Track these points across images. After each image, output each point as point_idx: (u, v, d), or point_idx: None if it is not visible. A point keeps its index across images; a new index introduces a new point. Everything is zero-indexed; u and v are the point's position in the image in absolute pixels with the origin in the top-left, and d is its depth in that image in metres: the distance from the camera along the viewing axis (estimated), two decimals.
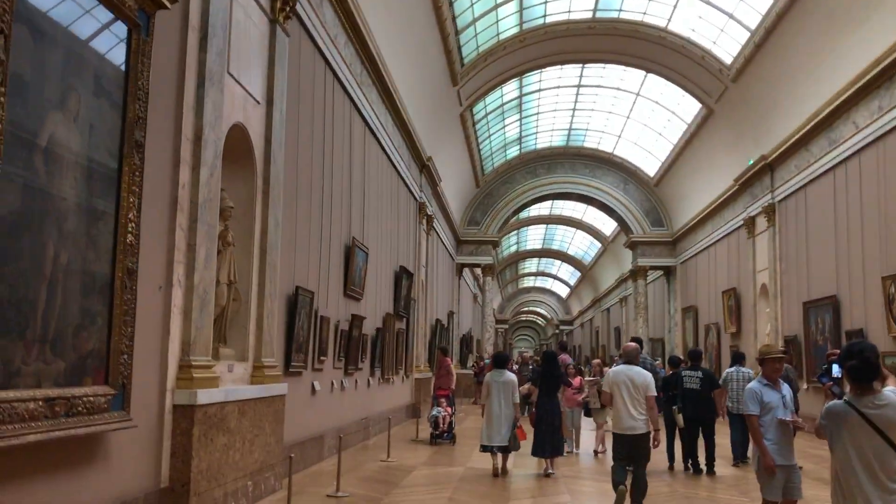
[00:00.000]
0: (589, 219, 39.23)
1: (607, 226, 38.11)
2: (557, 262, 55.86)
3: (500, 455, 10.10)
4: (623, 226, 31.56)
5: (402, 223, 17.29)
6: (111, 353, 4.89)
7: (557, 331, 73.04)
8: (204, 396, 6.16)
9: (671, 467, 10.75)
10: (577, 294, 61.56)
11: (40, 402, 4.09)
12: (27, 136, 4.08)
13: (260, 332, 7.78)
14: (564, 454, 11.22)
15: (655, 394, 7.72)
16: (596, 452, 12.24)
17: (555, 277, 62.72)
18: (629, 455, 7.52)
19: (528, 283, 67.77)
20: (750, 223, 20.89)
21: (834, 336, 15.12)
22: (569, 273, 58.00)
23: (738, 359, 12.14)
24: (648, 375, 7.80)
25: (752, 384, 5.82)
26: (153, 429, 5.78)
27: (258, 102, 7.84)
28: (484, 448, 10.19)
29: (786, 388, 5.79)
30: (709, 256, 25.75)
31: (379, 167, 14.61)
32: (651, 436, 7.58)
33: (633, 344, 8.51)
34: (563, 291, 66.84)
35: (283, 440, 8.46)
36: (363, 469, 10.11)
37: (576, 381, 12.58)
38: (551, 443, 10.12)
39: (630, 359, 7.92)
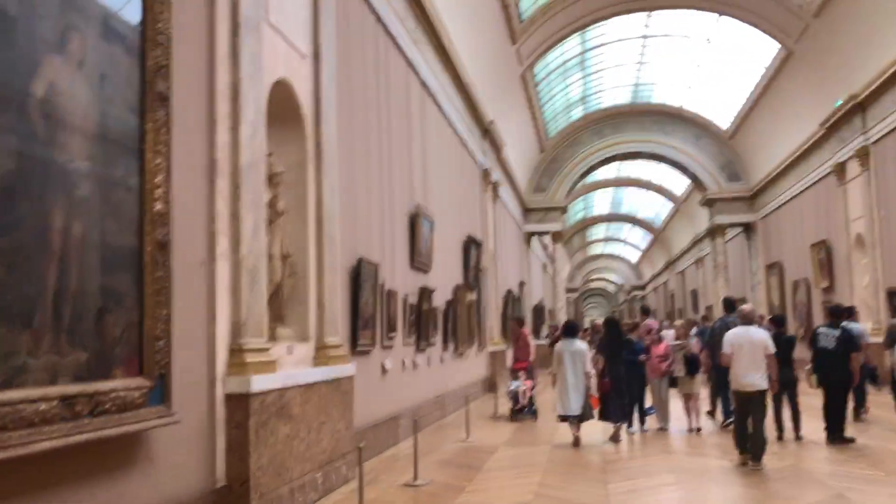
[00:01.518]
0: (659, 179, 37.70)
1: (679, 185, 36.53)
2: (627, 226, 54.24)
3: (573, 424, 9.97)
4: (697, 183, 30.04)
5: (467, 191, 16.45)
6: (144, 339, 4.21)
7: (629, 297, 71.40)
8: (260, 383, 5.49)
9: (780, 437, 9.70)
10: (649, 258, 59.83)
11: (55, 402, 3.42)
12: (18, 84, 3.38)
13: (321, 310, 7.09)
14: (650, 430, 10.57)
15: (774, 351, 8.21)
16: (692, 430, 10.65)
17: (624, 242, 61.04)
18: (749, 410, 8.14)
19: (597, 249, 66.15)
20: (839, 170, 19.33)
21: None
22: (639, 237, 56.33)
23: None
24: (766, 334, 8.44)
25: None
26: (203, 423, 5.12)
27: (304, 56, 7.08)
28: (562, 418, 10.13)
29: None
30: (793, 209, 24.16)
31: (440, 131, 13.78)
32: (767, 391, 8.20)
33: (749, 305, 9.02)
34: (633, 256, 65.09)
35: (354, 425, 7.80)
36: (441, 451, 9.41)
37: (661, 346, 11.30)
38: (621, 408, 10.21)
39: (747, 320, 8.49)
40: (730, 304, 12.04)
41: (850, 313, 11.08)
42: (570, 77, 24.98)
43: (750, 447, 8.09)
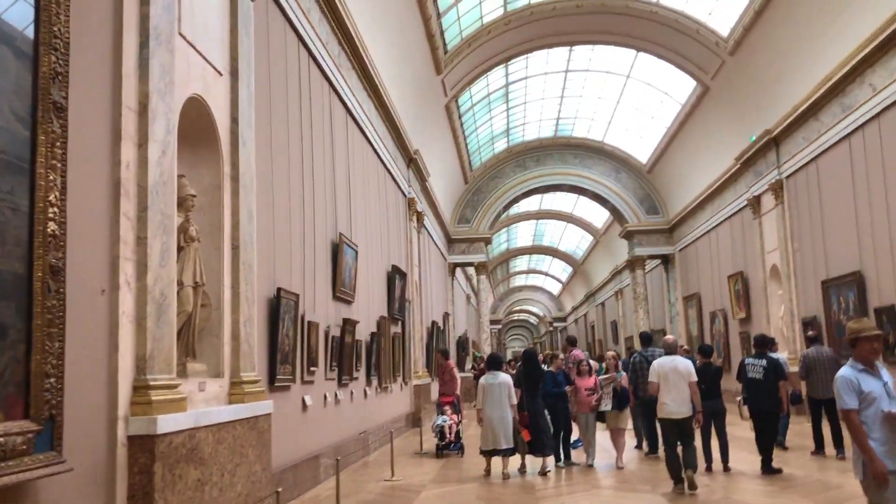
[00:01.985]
0: (579, 212, 38.27)
1: (599, 217, 37.14)
2: (548, 259, 54.87)
3: (502, 458, 9.97)
4: (617, 216, 30.55)
5: (392, 220, 16.15)
6: (32, 376, 3.73)
7: (551, 328, 72.05)
8: (167, 423, 5.01)
9: (708, 468, 9.62)
10: (570, 290, 60.58)
11: None
12: None
13: (237, 342, 6.62)
14: (583, 464, 10.44)
15: (697, 380, 8.65)
16: (618, 467, 10.29)
17: (546, 274, 61.69)
18: (678, 437, 8.45)
19: (520, 281, 66.70)
20: (755, 203, 19.86)
21: (860, 314, 14.08)
22: (560, 269, 57.02)
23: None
24: (690, 364, 8.79)
25: (845, 371, 4.65)
26: (101, 469, 4.61)
27: (220, 73, 6.69)
28: (485, 452, 10.03)
29: (885, 374, 4.66)
30: (710, 241, 24.71)
31: (364, 158, 13.48)
32: (693, 417, 8.53)
33: (672, 336, 9.74)
34: (555, 288, 65.84)
35: (272, 466, 7.31)
36: (365, 492, 8.96)
37: (589, 380, 10.96)
38: (541, 441, 10.12)
39: (671, 350, 9.00)
40: (647, 338, 12.58)
41: (772, 343, 11.19)
42: (494, 109, 25.11)
43: (685, 473, 8.30)
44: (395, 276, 15.45)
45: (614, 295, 41.87)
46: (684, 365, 8.63)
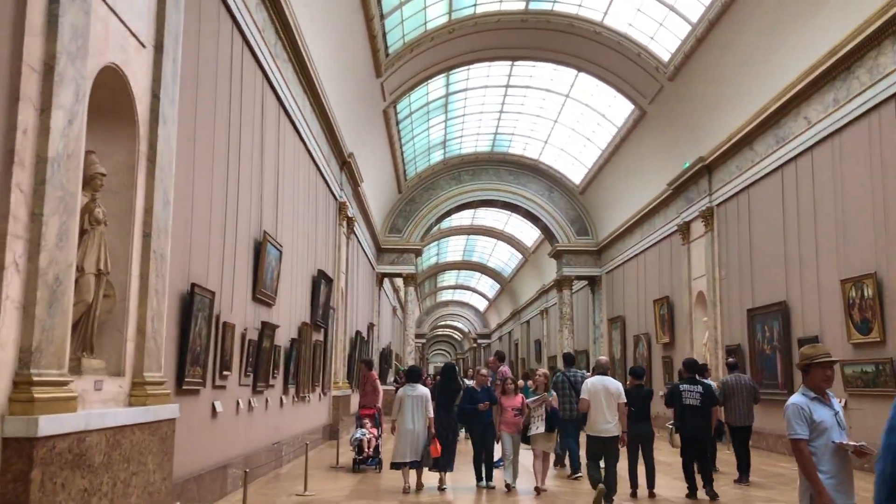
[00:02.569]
0: (511, 230, 38.30)
1: (529, 236, 37.22)
2: (477, 275, 54.86)
3: (412, 471, 9.86)
4: (548, 234, 30.62)
5: (321, 222, 15.60)
6: None
7: (475, 345, 72.00)
8: (51, 424, 4.42)
9: (633, 493, 9.37)
10: (496, 307, 60.68)
11: None
12: None
13: (142, 339, 6.03)
14: (506, 487, 9.92)
15: (626, 401, 8.95)
16: (538, 490, 9.70)
17: (473, 290, 61.69)
18: (602, 454, 8.75)
19: (447, 296, 66.56)
20: (685, 229, 20.06)
21: (784, 345, 14.24)
22: (488, 286, 57.04)
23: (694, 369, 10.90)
24: (620, 385, 9.06)
25: (796, 398, 4.39)
26: None
27: (143, 46, 6.13)
28: (395, 465, 9.88)
29: (836, 403, 4.43)
30: (637, 265, 24.91)
31: (296, 155, 12.94)
32: (619, 437, 8.83)
33: (605, 358, 10.18)
34: (481, 305, 65.86)
35: (175, 476, 6.72)
36: None
37: (515, 399, 10.34)
38: (446, 458, 10.00)
39: (603, 371, 9.39)
40: (570, 359, 12.79)
41: (704, 369, 11.13)
42: (432, 119, 24.83)
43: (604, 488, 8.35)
44: (321, 282, 14.89)
45: (540, 314, 42.02)
46: (615, 386, 8.95)
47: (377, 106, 19.80)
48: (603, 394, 8.81)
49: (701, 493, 9.28)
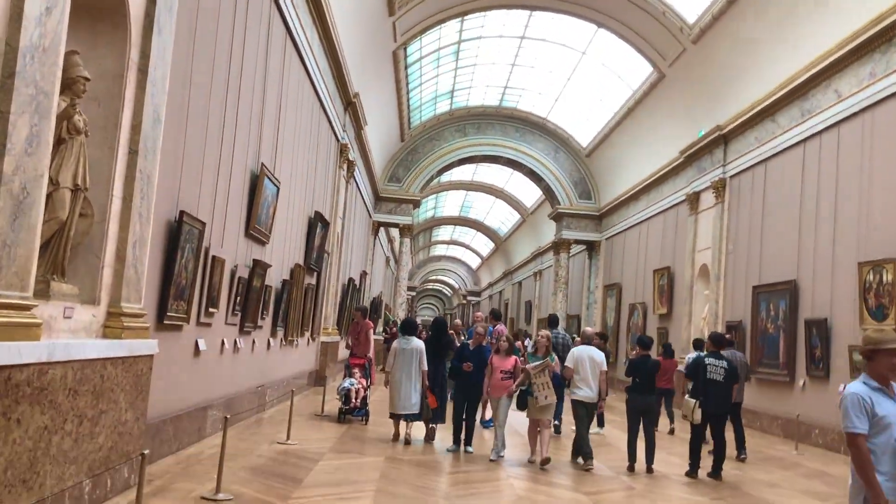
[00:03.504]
0: (511, 189, 37.59)
1: (529, 197, 36.54)
2: (472, 232, 54.28)
3: (406, 423, 9.85)
4: (549, 195, 29.98)
5: (321, 162, 14.95)
6: None
7: (464, 301, 71.76)
8: (7, 353, 3.89)
9: (631, 467, 8.93)
10: (489, 265, 60.26)
11: None
12: None
13: (121, 266, 5.48)
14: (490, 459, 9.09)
15: (607, 370, 9.31)
16: (542, 461, 8.74)
17: (467, 247, 61.16)
18: (585, 414, 9.11)
19: (440, 251, 66.03)
20: (694, 199, 19.47)
21: (790, 325, 13.78)
22: (483, 243, 56.51)
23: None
24: (603, 355, 9.41)
25: (856, 387, 3.82)
26: None
27: None
28: (394, 416, 9.90)
29: None
30: (640, 233, 24.36)
31: (300, 89, 12.25)
32: (598, 403, 9.23)
33: (591, 329, 10.79)
34: (474, 262, 65.43)
35: (149, 415, 6.24)
36: (255, 455, 7.93)
37: (507, 361, 9.36)
38: (438, 410, 10.14)
39: (588, 340, 9.86)
40: (554, 320, 13.11)
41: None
42: (442, 65, 23.98)
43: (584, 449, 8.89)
44: (318, 224, 14.31)
45: (533, 276, 41.58)
46: (600, 356, 9.30)
47: (387, 46, 19.01)
48: (588, 362, 9.13)
49: (701, 474, 8.87)
